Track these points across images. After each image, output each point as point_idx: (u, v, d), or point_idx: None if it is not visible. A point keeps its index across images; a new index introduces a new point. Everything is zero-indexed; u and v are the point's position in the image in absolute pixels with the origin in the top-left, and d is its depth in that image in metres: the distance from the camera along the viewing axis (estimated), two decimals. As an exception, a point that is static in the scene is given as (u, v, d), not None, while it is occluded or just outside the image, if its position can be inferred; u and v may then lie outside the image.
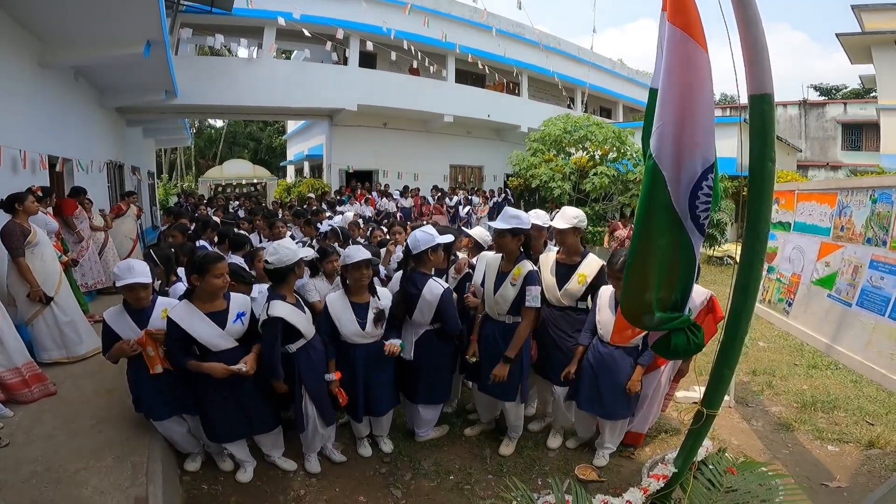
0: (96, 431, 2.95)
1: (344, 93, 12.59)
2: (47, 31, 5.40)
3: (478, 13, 14.18)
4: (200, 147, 27.64)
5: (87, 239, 5.64)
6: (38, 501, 2.28)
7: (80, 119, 7.51)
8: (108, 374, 3.74)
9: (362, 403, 2.78)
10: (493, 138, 17.35)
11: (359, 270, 2.65)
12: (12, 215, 3.76)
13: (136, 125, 11.94)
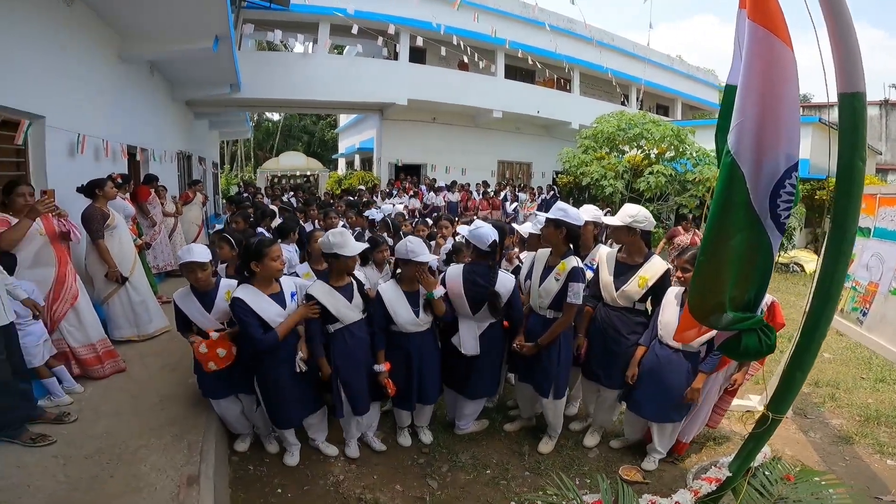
0: (159, 409, 3.11)
1: (394, 87, 12.76)
2: (126, 27, 5.68)
3: (528, 8, 14.00)
4: (259, 139, 28.90)
5: (159, 224, 6.06)
6: (98, 477, 2.40)
7: (155, 111, 7.98)
8: (174, 353, 3.97)
9: (415, 392, 2.81)
10: (542, 135, 17.04)
11: (419, 267, 2.65)
12: (93, 200, 4.01)
13: (202, 118, 12.63)
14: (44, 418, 2.84)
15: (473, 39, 12.97)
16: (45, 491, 2.28)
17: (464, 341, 2.80)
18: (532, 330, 2.81)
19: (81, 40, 4.80)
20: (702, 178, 10.03)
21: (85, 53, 4.93)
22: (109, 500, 2.25)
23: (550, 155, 15.13)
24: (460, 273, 2.78)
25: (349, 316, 2.65)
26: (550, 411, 2.93)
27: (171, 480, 2.39)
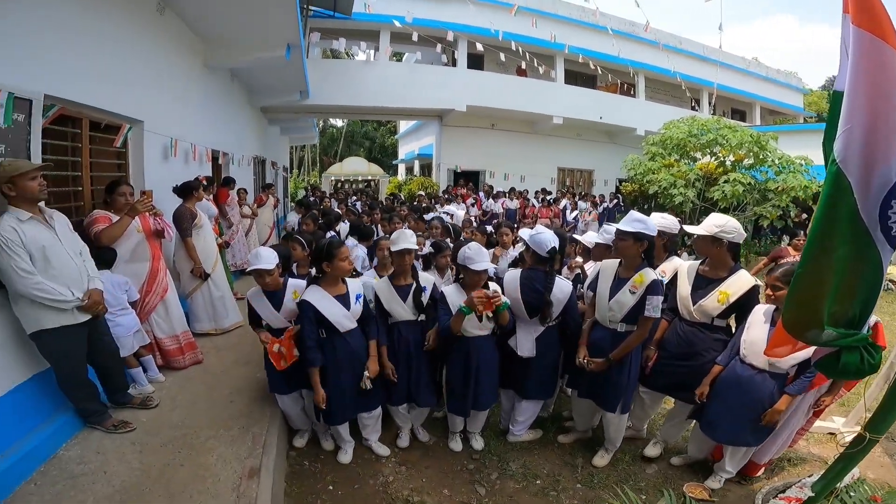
0: (229, 401, 3.28)
1: (453, 94, 12.90)
2: (210, 35, 5.94)
3: (587, 13, 13.75)
4: (324, 145, 30.19)
5: (237, 224, 6.48)
6: (169, 465, 2.54)
7: (235, 117, 8.48)
8: (246, 348, 4.20)
9: (472, 397, 2.82)
10: (604, 141, 16.52)
11: (478, 275, 2.67)
12: (184, 200, 4.35)
13: (275, 124, 13.34)
14: (130, 404, 3.08)
15: (532, 45, 12.86)
16: (120, 477, 2.43)
17: (520, 343, 2.83)
18: (598, 344, 2.73)
19: (172, 48, 5.12)
20: (786, 188, 9.25)
21: (176, 61, 5.26)
22: (176, 488, 2.37)
23: (614, 162, 14.63)
24: (517, 278, 2.79)
25: (401, 314, 2.80)
26: (613, 426, 2.87)
27: (234, 472, 2.51)
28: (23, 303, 2.47)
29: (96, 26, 3.58)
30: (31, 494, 2.27)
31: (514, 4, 11.58)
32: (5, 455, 2.35)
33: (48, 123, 3.05)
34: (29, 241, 2.39)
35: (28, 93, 2.72)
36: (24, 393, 2.61)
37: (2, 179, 2.36)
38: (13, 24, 2.70)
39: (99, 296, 2.74)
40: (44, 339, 2.56)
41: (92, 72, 3.55)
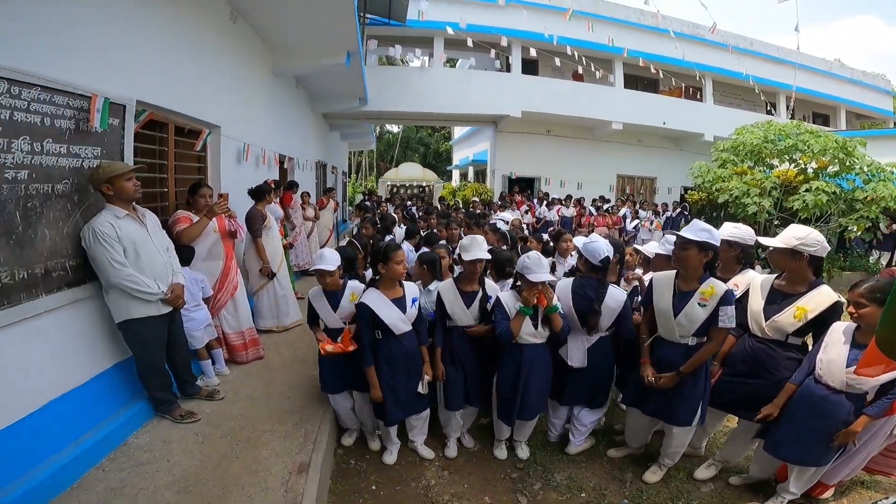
0: (286, 397, 3.37)
1: (507, 99, 12.78)
2: (278, 43, 6.16)
3: (646, 16, 13.31)
4: (381, 150, 30.97)
5: (299, 226, 6.72)
6: (226, 457, 2.63)
7: (300, 123, 8.81)
8: (304, 346, 4.32)
9: (518, 406, 2.78)
10: (668, 147, 15.77)
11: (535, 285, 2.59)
12: (256, 202, 4.56)
13: (335, 129, 13.81)
14: (198, 395, 3.23)
15: (588, 49, 12.56)
16: (181, 467, 2.53)
17: (571, 353, 2.79)
18: (670, 360, 2.58)
19: (244, 56, 5.36)
20: (875, 197, 8.37)
21: (247, 68, 5.51)
22: (230, 480, 2.44)
23: (678, 169, 13.94)
24: (569, 286, 2.77)
25: (462, 319, 2.78)
26: (677, 440, 2.73)
27: (284, 466, 2.57)
28: (114, 293, 2.67)
29: (178, 35, 3.79)
30: (98, 480, 2.39)
31: (568, 9, 11.33)
32: (80, 441, 2.49)
33: (139, 128, 3.27)
34: (123, 236, 2.60)
35: (122, 99, 2.92)
36: (105, 381, 2.79)
37: (101, 179, 2.58)
38: (108, 35, 2.90)
39: (181, 290, 2.94)
40: (130, 328, 2.76)
41: (176, 79, 3.77)
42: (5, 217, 2.12)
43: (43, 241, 2.34)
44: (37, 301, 2.29)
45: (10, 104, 2.13)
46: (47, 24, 2.40)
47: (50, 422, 2.35)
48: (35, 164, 2.28)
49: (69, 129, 2.50)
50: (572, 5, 11.82)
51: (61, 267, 2.46)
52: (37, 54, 2.31)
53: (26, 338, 2.26)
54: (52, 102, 2.37)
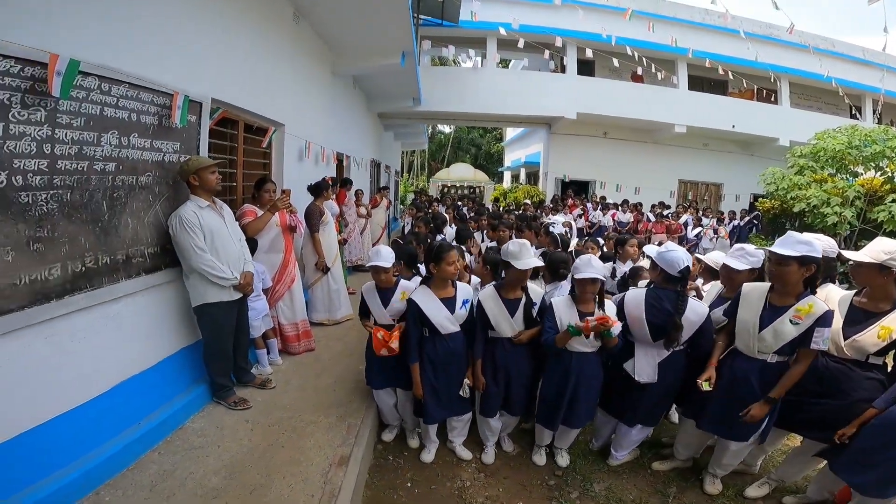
0: (332, 390, 3.43)
1: (562, 101, 12.49)
2: (337, 43, 6.26)
3: (712, 16, 12.73)
4: (432, 150, 31.24)
5: (353, 223, 6.88)
6: (272, 446, 2.70)
7: (357, 122, 9.01)
8: (353, 340, 4.39)
9: (563, 413, 2.70)
10: (737, 152, 14.82)
11: (583, 286, 2.53)
12: (315, 198, 4.68)
13: (389, 129, 14.03)
14: (252, 383, 3.35)
15: (649, 50, 12.02)
16: (230, 453, 2.61)
17: (639, 368, 2.63)
18: (741, 374, 2.43)
19: (306, 56, 5.50)
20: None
21: (309, 68, 5.66)
22: (274, 468, 2.50)
23: (748, 175, 13.13)
24: (643, 297, 2.59)
25: (505, 330, 2.67)
26: (731, 453, 2.62)
27: (326, 458, 2.61)
28: (194, 277, 2.87)
29: (247, 36, 3.93)
30: (153, 462, 2.50)
31: (627, 9, 10.89)
32: (141, 424, 2.61)
33: (213, 125, 3.43)
34: (204, 225, 2.80)
35: (199, 97, 3.08)
36: (171, 365, 2.94)
37: (189, 171, 2.80)
38: (187, 36, 3.05)
39: (251, 277, 3.12)
40: (205, 312, 2.94)
41: (246, 78, 3.93)
42: (93, 206, 2.28)
43: (126, 229, 2.50)
44: (116, 285, 2.45)
45: (101, 100, 2.29)
46: (134, 25, 2.54)
47: (118, 403, 2.49)
48: (122, 157, 2.44)
49: (153, 125, 2.65)
50: (631, 5, 11.37)
51: (140, 254, 2.62)
52: (125, 53, 2.45)
53: (104, 320, 2.41)
54: (139, 99, 2.53)
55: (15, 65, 1.84)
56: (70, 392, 2.23)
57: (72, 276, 2.17)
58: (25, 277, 1.94)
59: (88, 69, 2.16)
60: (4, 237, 1.84)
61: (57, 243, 2.08)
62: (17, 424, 1.99)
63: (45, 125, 1.99)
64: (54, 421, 2.14)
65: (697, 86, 13.79)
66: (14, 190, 1.87)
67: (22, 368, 1.98)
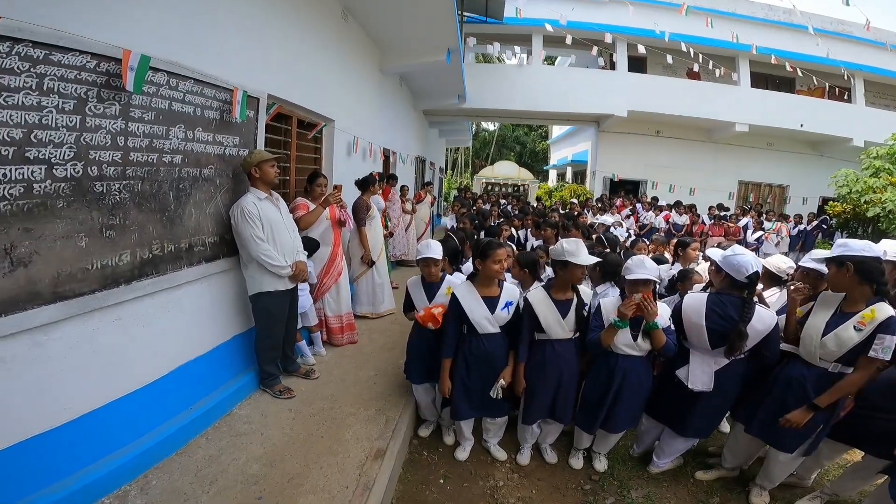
0: (372, 383, 3.46)
1: (613, 98, 12.13)
2: (384, 41, 6.33)
3: (775, 11, 12.19)
4: (476, 148, 31.16)
5: (397, 218, 6.94)
6: (313, 435, 2.74)
7: (403, 119, 9.09)
8: (395, 334, 4.42)
9: (603, 416, 2.61)
10: (805, 152, 13.85)
11: (635, 287, 2.43)
12: (362, 193, 4.73)
13: (434, 126, 14.08)
14: (297, 372, 3.43)
15: (707, 46, 11.51)
16: (272, 440, 2.68)
17: (693, 376, 2.49)
18: (797, 380, 2.34)
19: (355, 53, 5.57)
20: None
21: (357, 65, 5.73)
22: (311, 458, 2.54)
23: (816, 177, 12.28)
24: (703, 302, 2.45)
25: (557, 332, 2.57)
26: (780, 465, 2.52)
27: (362, 450, 2.63)
28: (252, 266, 2.97)
29: (299, 33, 3.99)
30: (200, 447, 2.58)
31: (682, 4, 10.36)
32: (193, 408, 2.71)
33: (269, 120, 3.53)
34: (263, 216, 2.89)
35: (256, 92, 3.17)
36: (224, 352, 3.04)
37: (252, 164, 2.91)
38: (244, 33, 3.13)
39: (304, 266, 3.20)
40: (261, 300, 3.04)
41: (299, 75, 4.01)
42: (161, 196, 2.39)
43: (189, 218, 2.61)
44: (179, 272, 2.56)
45: (170, 95, 2.39)
46: (196, 22, 2.63)
47: (174, 387, 2.59)
48: (187, 150, 2.55)
49: (215, 120, 2.75)
50: (688, 1, 10.84)
51: (202, 243, 2.73)
52: (189, 50, 2.54)
53: (167, 305, 2.52)
54: (202, 94, 2.63)
55: (91, 60, 1.94)
56: (134, 374, 2.35)
57: (139, 263, 2.28)
58: (97, 262, 2.05)
59: (158, 65, 2.25)
60: (79, 224, 1.96)
61: (127, 231, 2.19)
62: (89, 402, 2.10)
63: (120, 118, 2.10)
64: (119, 402, 2.24)
65: (761, 83, 13.02)
66: (90, 179, 1.98)
67: (93, 349, 2.10)
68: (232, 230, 2.90)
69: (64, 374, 1.98)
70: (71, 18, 1.87)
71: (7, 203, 1.69)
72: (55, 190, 1.85)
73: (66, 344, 1.98)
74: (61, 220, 1.88)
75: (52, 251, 1.86)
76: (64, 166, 1.87)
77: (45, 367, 1.90)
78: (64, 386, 1.98)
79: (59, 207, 1.87)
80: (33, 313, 1.81)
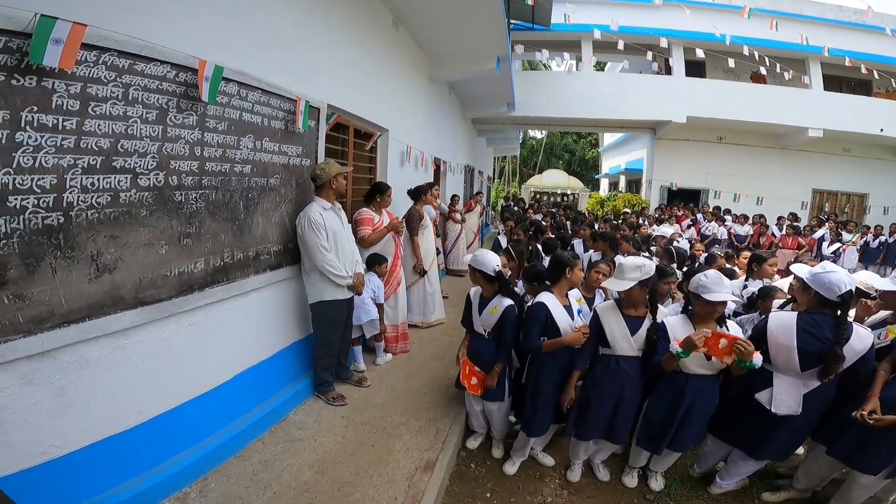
0: (422, 393, 3.41)
1: (670, 104, 11.60)
2: (434, 50, 6.27)
3: (846, 12, 11.54)
4: (524, 156, 30.80)
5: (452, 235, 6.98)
6: (363, 444, 2.73)
7: (453, 128, 9.10)
8: (444, 344, 4.38)
9: (670, 435, 2.48)
10: (887, 159, 12.69)
11: (712, 306, 2.30)
12: (415, 202, 4.73)
13: (482, 135, 14.03)
14: (350, 380, 3.44)
15: (772, 48, 10.82)
16: (325, 447, 2.68)
17: (778, 399, 2.32)
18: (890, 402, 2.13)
19: (406, 63, 5.58)
20: None
21: (409, 74, 5.74)
22: (362, 466, 2.53)
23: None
24: (793, 322, 2.28)
25: (624, 347, 2.46)
26: (861, 487, 2.35)
27: (412, 461, 2.59)
28: (314, 275, 3.00)
29: (354, 43, 4.01)
30: (257, 451, 2.61)
31: (744, 6, 9.78)
32: (252, 412, 2.74)
33: (328, 130, 3.59)
34: (328, 226, 2.93)
35: (317, 103, 3.23)
36: (284, 357, 3.08)
37: (330, 175, 2.94)
38: (304, 43, 3.17)
39: (362, 278, 3.21)
40: (321, 309, 3.07)
41: (355, 84, 4.05)
42: (232, 205, 2.46)
43: (257, 227, 2.67)
44: (247, 280, 2.62)
45: (240, 105, 2.46)
46: (261, 33, 2.69)
47: (236, 391, 2.64)
48: (256, 160, 2.62)
49: (280, 130, 2.82)
50: (749, 3, 10.26)
51: (267, 251, 2.79)
52: (256, 60, 2.61)
53: (234, 312, 2.58)
54: (269, 105, 2.70)
55: (171, 70, 2.01)
56: (201, 379, 2.41)
57: (212, 270, 2.35)
58: (175, 269, 2.13)
59: (229, 75, 2.32)
60: (160, 232, 2.03)
61: (203, 239, 2.27)
62: (159, 406, 2.17)
63: (196, 128, 2.18)
64: (185, 405, 2.30)
65: (834, 86, 12.14)
66: (170, 189, 2.06)
67: (168, 354, 2.17)
68: (297, 239, 2.95)
69: (140, 377, 2.04)
70: (148, 28, 1.93)
71: (95, 211, 1.77)
72: (139, 199, 1.93)
73: (145, 348, 2.06)
74: (144, 227, 1.96)
75: (135, 258, 1.94)
76: (147, 176, 1.95)
77: (124, 370, 1.98)
78: (139, 389, 2.05)
79: (143, 216, 1.95)
80: (116, 317, 1.88)
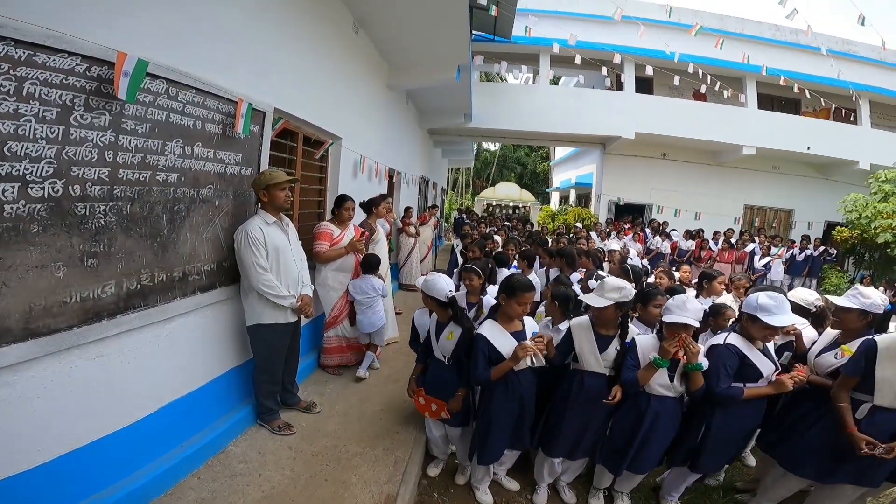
0: (378, 418, 3.24)
1: (620, 120, 11.96)
2: (393, 56, 6.08)
3: (782, 31, 12.21)
4: (477, 168, 31.15)
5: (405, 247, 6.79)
6: (315, 478, 2.53)
7: (409, 138, 8.91)
8: (399, 363, 4.20)
9: (630, 456, 2.46)
10: (811, 176, 13.73)
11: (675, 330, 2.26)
12: (367, 215, 4.53)
13: (438, 146, 13.94)
14: (297, 406, 3.19)
15: (716, 67, 11.44)
16: (271, 482, 2.45)
17: None
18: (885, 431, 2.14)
19: (364, 68, 5.36)
20: None
21: (366, 81, 5.52)
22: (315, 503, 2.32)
23: (823, 201, 12.09)
24: None
25: (591, 364, 2.44)
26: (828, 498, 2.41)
27: (371, 496, 2.43)
28: (252, 296, 2.73)
29: (308, 44, 3.76)
30: (191, 489, 2.35)
31: (695, 24, 10.38)
32: (184, 446, 2.47)
33: (274, 136, 3.31)
34: (269, 242, 2.67)
35: (262, 105, 2.95)
36: (219, 386, 2.78)
37: (260, 186, 2.69)
38: (252, 40, 2.90)
39: (309, 300, 2.96)
40: (259, 332, 2.80)
41: (307, 88, 3.79)
42: (153, 219, 2.14)
43: (184, 244, 2.36)
44: (171, 304, 2.30)
45: (168, 105, 2.16)
46: (201, 27, 2.41)
47: (163, 425, 2.35)
48: (185, 168, 2.31)
49: (216, 135, 2.53)
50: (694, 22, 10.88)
51: (197, 271, 2.47)
52: (192, 56, 2.32)
53: (157, 339, 2.26)
54: (204, 106, 2.40)
55: (80, 63, 1.72)
56: (115, 414, 2.09)
57: (126, 294, 2.02)
58: (77, 295, 1.79)
59: (156, 71, 2.03)
60: (56, 252, 1.70)
61: (113, 259, 1.94)
62: (60, 445, 1.85)
63: (109, 130, 1.87)
64: (97, 443, 1.99)
65: (767, 104, 12.97)
66: (71, 200, 1.73)
67: (70, 389, 1.84)
68: (234, 256, 2.67)
69: (36, 415, 1.73)
70: (61, 15, 1.65)
71: (-30, 227, 1.44)
72: (29, 212, 1.60)
73: (39, 384, 1.73)
74: (35, 247, 1.63)
75: (23, 283, 1.61)
76: (41, 184, 1.63)
77: (13, 409, 1.65)
78: (35, 428, 1.74)
79: (34, 232, 1.62)
80: (1, 352, 1.55)
